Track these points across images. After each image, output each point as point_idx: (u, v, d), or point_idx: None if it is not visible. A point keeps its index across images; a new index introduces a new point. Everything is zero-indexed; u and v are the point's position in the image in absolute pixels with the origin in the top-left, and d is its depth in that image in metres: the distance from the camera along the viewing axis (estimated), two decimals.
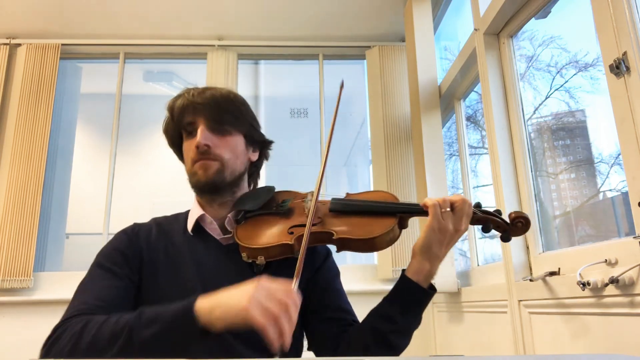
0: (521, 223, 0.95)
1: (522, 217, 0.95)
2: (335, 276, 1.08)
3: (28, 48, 3.06)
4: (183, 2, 2.91)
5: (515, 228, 0.96)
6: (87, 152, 3.89)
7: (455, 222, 0.90)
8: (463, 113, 2.64)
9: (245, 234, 0.95)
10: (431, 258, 0.91)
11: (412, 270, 0.93)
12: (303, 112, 3.91)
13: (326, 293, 1.03)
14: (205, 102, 1.00)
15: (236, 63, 3.21)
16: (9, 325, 2.62)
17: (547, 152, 1.97)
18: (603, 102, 1.45)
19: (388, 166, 2.93)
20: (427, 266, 0.91)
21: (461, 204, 0.91)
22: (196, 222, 1.01)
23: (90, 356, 0.76)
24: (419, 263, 0.92)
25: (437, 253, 0.91)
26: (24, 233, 2.75)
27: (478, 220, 0.95)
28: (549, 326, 1.51)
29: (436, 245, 0.90)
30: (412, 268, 0.93)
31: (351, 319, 1.01)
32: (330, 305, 1.01)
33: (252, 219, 0.99)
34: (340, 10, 2.99)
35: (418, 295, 0.92)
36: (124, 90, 3.23)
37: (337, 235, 0.91)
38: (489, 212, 0.97)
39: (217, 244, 1.00)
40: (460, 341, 2.31)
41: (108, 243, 1.00)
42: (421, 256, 0.92)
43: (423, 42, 2.74)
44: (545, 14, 1.84)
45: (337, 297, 1.04)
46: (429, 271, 0.92)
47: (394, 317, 0.91)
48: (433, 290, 0.94)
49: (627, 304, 1.14)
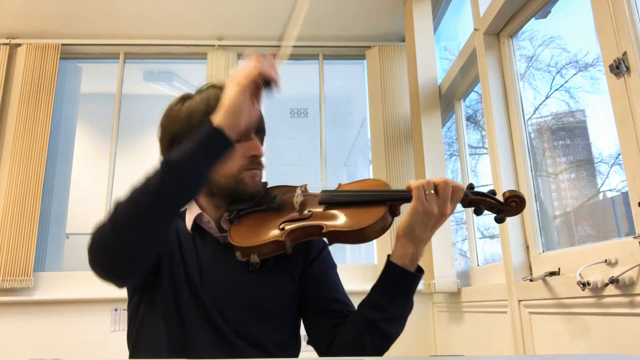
0: (515, 202, 0.91)
1: (516, 195, 0.92)
2: (331, 268, 1.07)
3: (28, 48, 3.06)
4: (183, 2, 2.91)
5: (510, 208, 0.92)
6: (87, 152, 3.89)
7: (440, 204, 0.88)
8: (463, 113, 2.64)
9: (238, 233, 0.95)
10: (415, 240, 0.89)
11: (396, 254, 0.91)
12: (303, 112, 3.91)
13: (322, 285, 1.02)
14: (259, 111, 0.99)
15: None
16: (9, 325, 2.62)
17: (547, 152, 1.97)
18: (603, 102, 1.45)
19: (388, 166, 2.93)
20: (411, 249, 0.89)
21: (444, 186, 0.89)
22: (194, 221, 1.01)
23: (132, 211, 0.79)
24: (402, 246, 0.90)
25: (421, 235, 0.89)
26: (24, 233, 2.75)
27: (470, 202, 0.93)
28: (549, 326, 1.51)
29: (420, 227, 0.88)
30: (396, 252, 0.91)
31: (346, 310, 1.00)
32: (326, 297, 1.01)
33: (245, 217, 0.99)
34: (340, 10, 2.99)
35: (405, 280, 0.91)
36: (124, 90, 3.23)
37: (327, 229, 0.90)
38: (482, 192, 0.94)
39: (216, 242, 1.00)
40: (460, 341, 2.31)
41: None
42: (404, 239, 0.90)
43: (423, 42, 2.74)
44: (545, 14, 1.84)
45: (332, 289, 1.03)
46: (414, 254, 0.90)
47: (383, 305, 0.90)
48: (420, 272, 0.92)
49: (627, 304, 1.14)
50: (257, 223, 0.97)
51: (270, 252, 0.92)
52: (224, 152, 0.85)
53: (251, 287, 0.96)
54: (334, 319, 0.97)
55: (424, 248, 0.91)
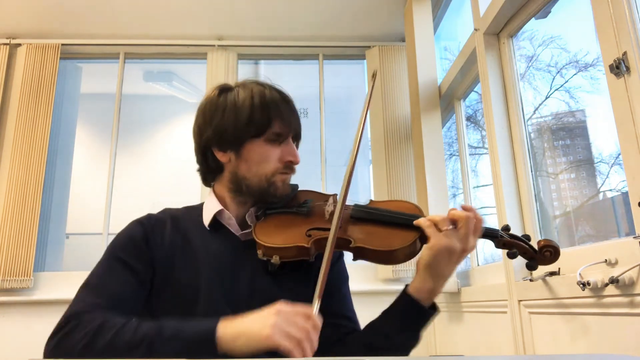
0: (549, 252, 0.91)
1: (551, 246, 0.91)
2: (344, 281, 1.05)
3: (28, 48, 3.06)
4: (183, 2, 2.91)
5: (543, 257, 0.92)
6: (87, 152, 3.89)
7: (462, 239, 0.85)
8: (463, 113, 2.64)
9: (263, 230, 0.94)
10: (434, 276, 0.86)
11: (414, 286, 0.89)
12: (303, 112, 3.91)
13: (333, 298, 0.99)
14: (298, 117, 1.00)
15: (236, 63, 3.21)
16: (9, 325, 2.62)
17: (547, 152, 1.97)
18: (603, 102, 1.45)
19: (388, 166, 2.93)
20: (430, 284, 0.87)
21: (466, 221, 0.85)
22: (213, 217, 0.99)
23: (102, 357, 0.76)
24: (421, 280, 0.88)
25: (443, 272, 0.86)
26: (24, 233, 2.75)
27: (504, 244, 0.92)
28: (549, 326, 1.51)
29: (441, 263, 0.85)
30: (414, 284, 0.89)
31: (352, 327, 0.98)
32: (335, 311, 0.98)
33: (272, 216, 0.97)
34: (340, 10, 2.99)
35: (417, 314, 0.88)
36: (124, 90, 3.23)
37: (355, 244, 0.89)
38: (517, 236, 0.93)
39: (235, 239, 0.98)
40: (460, 341, 2.31)
41: (123, 232, 0.97)
42: (425, 273, 0.87)
43: (423, 42, 2.74)
44: (545, 14, 1.84)
45: (342, 304, 1.01)
46: (432, 289, 0.87)
47: (389, 334, 0.88)
48: (434, 309, 0.89)
49: (627, 304, 1.14)
50: (284, 224, 0.95)
51: (293, 256, 0.91)
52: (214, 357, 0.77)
53: (268, 288, 0.94)
54: (336, 335, 0.96)
55: (444, 284, 0.88)
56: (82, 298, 0.86)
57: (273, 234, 0.93)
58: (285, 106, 0.98)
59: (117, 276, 0.89)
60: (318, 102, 3.26)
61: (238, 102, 0.96)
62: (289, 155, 0.97)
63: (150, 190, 3.82)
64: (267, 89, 0.99)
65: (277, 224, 0.96)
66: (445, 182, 2.56)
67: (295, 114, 1.00)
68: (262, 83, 1.01)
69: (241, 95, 0.97)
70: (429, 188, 2.51)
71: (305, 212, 0.97)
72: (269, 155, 0.96)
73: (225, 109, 0.97)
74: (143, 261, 0.92)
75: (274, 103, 0.97)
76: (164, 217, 1.01)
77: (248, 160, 0.97)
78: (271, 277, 0.94)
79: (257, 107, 0.95)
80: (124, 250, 0.93)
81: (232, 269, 0.94)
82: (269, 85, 1.01)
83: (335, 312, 0.99)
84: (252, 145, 0.96)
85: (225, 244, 0.97)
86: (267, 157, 0.96)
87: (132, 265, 0.91)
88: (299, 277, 0.97)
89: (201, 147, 1.00)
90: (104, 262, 0.92)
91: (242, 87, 1.00)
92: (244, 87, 0.99)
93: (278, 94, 0.99)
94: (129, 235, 0.95)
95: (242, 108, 0.95)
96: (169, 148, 4.16)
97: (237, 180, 0.98)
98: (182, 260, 0.94)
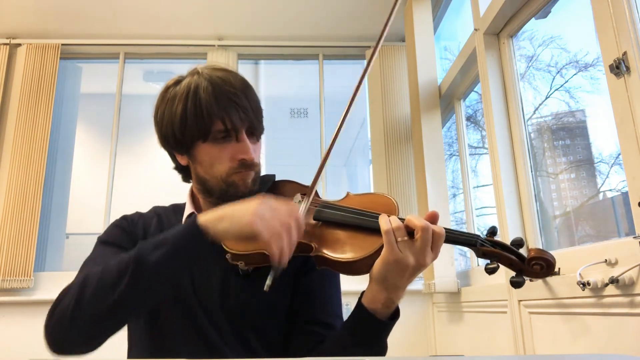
0: (540, 266, 0.75)
1: (543, 258, 0.75)
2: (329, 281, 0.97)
3: (28, 48, 3.06)
4: (183, 2, 2.91)
5: (531, 270, 0.76)
6: (87, 152, 3.89)
7: (416, 253, 0.74)
8: (463, 113, 2.64)
9: None
10: (388, 288, 0.77)
11: (367, 297, 0.80)
12: (303, 112, 3.91)
13: (313, 301, 0.94)
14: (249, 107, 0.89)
15: (236, 63, 3.21)
16: (9, 325, 2.61)
17: (547, 152, 1.97)
18: (603, 102, 1.45)
19: (388, 166, 2.93)
20: (384, 295, 0.78)
21: (424, 234, 0.74)
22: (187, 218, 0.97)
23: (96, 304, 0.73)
24: (374, 291, 0.79)
25: (396, 283, 0.76)
26: (24, 233, 2.75)
27: (484, 254, 0.77)
28: (549, 326, 1.51)
29: (394, 276, 0.75)
30: (367, 295, 0.80)
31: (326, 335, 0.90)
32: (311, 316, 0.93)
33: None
34: (340, 10, 3.00)
35: (372, 326, 0.79)
36: (124, 90, 3.23)
37: (315, 252, 0.80)
38: (501, 243, 0.78)
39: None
40: (460, 341, 2.31)
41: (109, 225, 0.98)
42: (377, 284, 0.78)
43: (423, 42, 2.74)
44: (545, 14, 1.84)
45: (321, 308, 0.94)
46: (387, 299, 0.78)
47: (347, 347, 0.81)
48: (394, 318, 0.80)
49: (627, 304, 1.14)
50: None
51: (258, 263, 0.83)
52: (201, 255, 0.76)
53: (240, 290, 0.90)
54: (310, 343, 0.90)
55: (401, 294, 0.79)
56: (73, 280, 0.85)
57: None
58: (222, 101, 0.87)
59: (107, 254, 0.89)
60: (318, 102, 3.26)
61: (173, 108, 0.89)
62: (240, 153, 0.89)
63: (150, 190, 3.82)
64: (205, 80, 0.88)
65: None
66: (445, 182, 2.56)
67: (237, 107, 0.88)
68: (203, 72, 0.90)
69: (177, 96, 0.89)
70: (429, 188, 2.51)
71: None
72: (218, 156, 0.89)
73: (164, 116, 0.91)
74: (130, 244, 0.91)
75: (207, 101, 0.86)
76: (150, 214, 1.01)
77: (201, 162, 0.91)
78: (243, 279, 0.91)
79: (190, 109, 0.87)
80: (110, 235, 0.94)
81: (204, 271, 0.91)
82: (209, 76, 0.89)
83: (312, 318, 0.93)
84: (200, 147, 0.90)
85: None
86: (218, 158, 0.89)
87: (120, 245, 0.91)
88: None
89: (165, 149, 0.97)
90: (95, 249, 0.93)
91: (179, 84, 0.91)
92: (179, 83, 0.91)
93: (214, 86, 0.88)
94: (115, 224, 0.97)
95: (175, 115, 0.89)
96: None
97: (201, 181, 0.94)
98: None
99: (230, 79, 0.90)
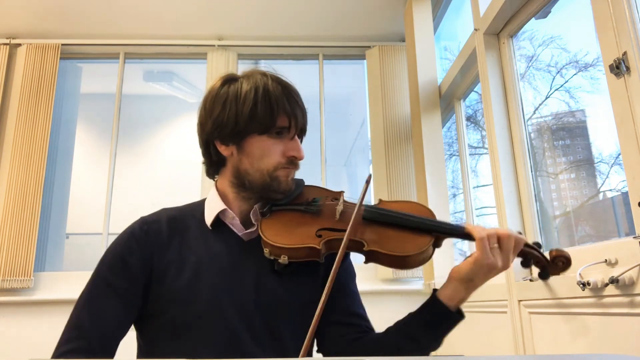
0: (562, 262, 0.91)
1: (564, 256, 0.91)
2: (352, 278, 1.03)
3: (28, 48, 3.07)
4: (183, 2, 2.91)
5: (555, 267, 0.91)
6: (87, 152, 3.89)
7: (504, 258, 0.87)
8: (463, 113, 2.64)
9: (270, 228, 0.90)
10: (469, 288, 0.88)
11: (446, 294, 0.89)
12: None
13: (342, 295, 0.98)
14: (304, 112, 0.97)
15: (236, 63, 3.21)
16: (9, 325, 2.62)
17: (547, 152, 1.97)
18: (603, 102, 1.45)
19: (388, 166, 2.93)
20: (463, 294, 0.89)
21: (508, 240, 0.87)
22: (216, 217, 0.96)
23: None
24: (455, 290, 0.89)
25: (478, 284, 0.89)
26: (24, 233, 2.75)
27: (523, 253, 0.91)
28: (549, 326, 1.51)
29: (480, 278, 0.87)
30: (446, 292, 0.89)
31: (365, 325, 0.97)
32: (346, 309, 0.98)
33: (279, 213, 0.93)
34: (340, 10, 3.00)
35: (447, 321, 0.89)
36: (124, 90, 3.23)
37: (369, 247, 0.86)
38: (531, 245, 0.92)
39: (238, 239, 0.95)
40: (460, 341, 2.31)
41: (113, 247, 0.92)
42: (460, 284, 0.88)
43: (423, 42, 2.75)
44: (545, 14, 1.84)
45: (352, 301, 1.00)
46: (463, 298, 0.89)
47: (417, 337, 0.89)
48: (462, 316, 0.90)
49: (627, 304, 1.14)
50: (292, 222, 0.92)
51: (302, 257, 0.88)
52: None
53: (273, 288, 0.92)
54: (351, 334, 0.95)
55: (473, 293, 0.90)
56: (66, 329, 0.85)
57: (281, 232, 0.89)
58: (291, 100, 0.94)
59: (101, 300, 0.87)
60: (318, 102, 3.26)
61: (240, 96, 0.93)
62: (293, 151, 0.94)
63: (150, 190, 3.82)
64: (272, 81, 0.95)
65: (284, 221, 0.92)
66: (445, 182, 2.56)
67: (300, 108, 0.95)
68: (268, 74, 0.96)
69: (244, 87, 0.94)
70: (429, 188, 2.51)
71: (314, 210, 0.93)
72: (271, 149, 0.93)
73: (227, 102, 0.93)
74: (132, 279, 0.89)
75: (278, 97, 0.93)
76: (159, 219, 0.97)
77: (250, 154, 0.93)
78: (276, 276, 0.92)
79: (260, 101, 0.92)
80: (111, 270, 0.90)
81: (235, 270, 0.91)
82: (275, 77, 0.96)
83: (346, 309, 0.98)
84: (254, 139, 0.93)
85: (227, 244, 0.94)
86: (270, 152, 0.93)
87: (117, 287, 0.88)
88: (305, 277, 0.95)
89: (203, 139, 0.97)
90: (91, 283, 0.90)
91: (246, 78, 0.96)
92: (248, 78, 0.96)
93: (283, 87, 0.95)
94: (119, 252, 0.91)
95: (244, 102, 0.92)
96: (169, 148, 4.16)
97: (240, 174, 0.95)
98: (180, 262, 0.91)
99: (290, 84, 0.98)
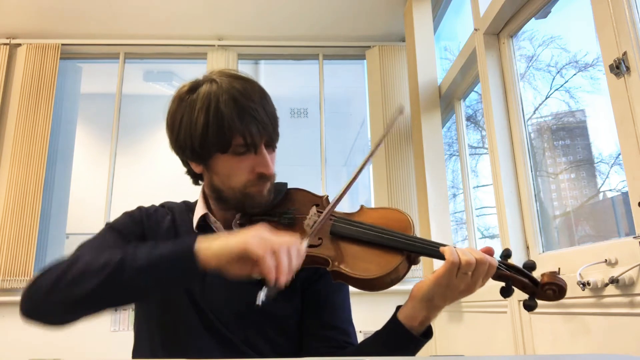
0: (552, 291, 0.79)
1: (556, 284, 0.79)
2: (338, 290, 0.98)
3: (28, 48, 3.07)
4: (183, 2, 2.91)
5: (544, 294, 0.79)
6: (87, 152, 3.89)
7: (469, 283, 0.79)
8: (463, 113, 2.64)
9: None
10: (430, 308, 0.81)
11: (405, 314, 0.83)
12: (303, 112, 3.91)
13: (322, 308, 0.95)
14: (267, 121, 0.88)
15: (236, 63, 3.21)
16: (9, 325, 2.62)
17: (547, 152, 1.97)
18: (603, 102, 1.45)
19: (388, 166, 2.93)
20: (424, 314, 0.81)
21: (482, 267, 0.79)
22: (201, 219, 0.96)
23: (72, 288, 0.74)
24: (414, 309, 0.82)
25: (439, 305, 0.81)
26: (24, 233, 2.75)
27: (500, 276, 0.81)
28: (549, 326, 1.51)
29: (440, 298, 0.80)
30: (406, 312, 0.83)
31: (342, 340, 0.92)
32: (324, 322, 0.94)
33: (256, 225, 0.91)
34: (340, 10, 3.00)
35: (407, 342, 0.82)
36: (124, 90, 3.23)
37: (332, 267, 0.81)
38: (516, 267, 0.81)
39: None
40: (460, 341, 2.31)
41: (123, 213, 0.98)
42: (420, 303, 0.81)
43: (423, 42, 2.75)
44: (545, 14, 1.84)
45: (331, 314, 0.95)
46: (426, 318, 0.82)
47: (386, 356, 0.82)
48: (427, 336, 0.83)
49: (627, 304, 1.14)
50: None
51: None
52: (182, 279, 0.77)
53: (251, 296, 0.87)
54: (327, 348, 0.91)
55: (438, 314, 0.83)
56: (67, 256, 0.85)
57: None
58: (244, 117, 0.85)
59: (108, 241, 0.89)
60: (318, 102, 3.26)
61: (192, 118, 0.87)
62: (260, 167, 0.88)
63: (150, 190, 3.81)
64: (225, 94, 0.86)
65: None
66: (445, 182, 2.56)
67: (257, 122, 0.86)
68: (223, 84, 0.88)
69: (197, 106, 0.87)
70: (429, 188, 2.51)
71: (286, 223, 0.90)
72: (237, 168, 0.88)
73: (181, 125, 0.88)
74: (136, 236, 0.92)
75: (230, 117, 0.84)
76: (164, 209, 1.02)
77: (218, 173, 0.90)
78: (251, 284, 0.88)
79: (211, 124, 0.85)
80: (119, 223, 0.94)
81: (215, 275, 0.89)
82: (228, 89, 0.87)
83: (325, 323, 0.94)
84: (219, 158, 0.88)
85: None
86: (236, 171, 0.88)
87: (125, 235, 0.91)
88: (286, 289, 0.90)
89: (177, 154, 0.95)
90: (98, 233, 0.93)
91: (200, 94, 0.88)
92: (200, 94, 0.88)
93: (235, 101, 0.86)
94: (128, 214, 0.97)
95: (196, 125, 0.86)
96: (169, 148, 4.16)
97: (215, 190, 0.92)
98: None
99: (249, 90, 0.88)
